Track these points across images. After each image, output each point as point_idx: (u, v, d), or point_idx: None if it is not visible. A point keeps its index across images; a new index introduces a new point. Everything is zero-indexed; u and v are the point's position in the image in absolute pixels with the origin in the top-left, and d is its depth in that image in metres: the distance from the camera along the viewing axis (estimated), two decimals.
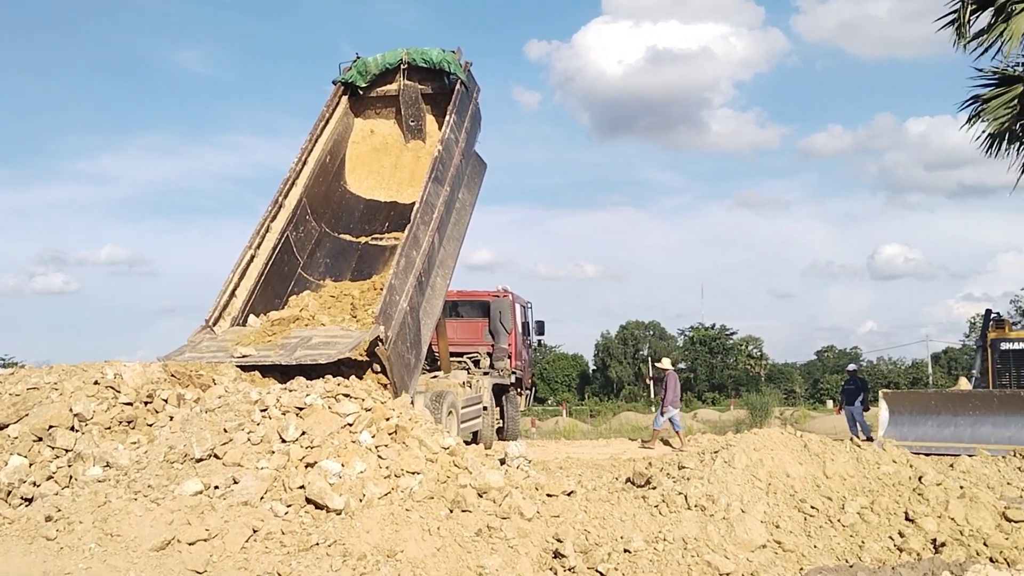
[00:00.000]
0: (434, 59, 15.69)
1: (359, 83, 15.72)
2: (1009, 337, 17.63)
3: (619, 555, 6.13)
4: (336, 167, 15.46)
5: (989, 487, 9.62)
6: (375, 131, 16.20)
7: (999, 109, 15.46)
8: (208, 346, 11.68)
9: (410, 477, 6.42)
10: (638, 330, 72.85)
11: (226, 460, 6.30)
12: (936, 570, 5.72)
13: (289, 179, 14.08)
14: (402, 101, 16.07)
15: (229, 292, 12.57)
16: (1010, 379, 17.15)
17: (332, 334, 11.74)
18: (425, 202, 13.35)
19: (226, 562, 5.33)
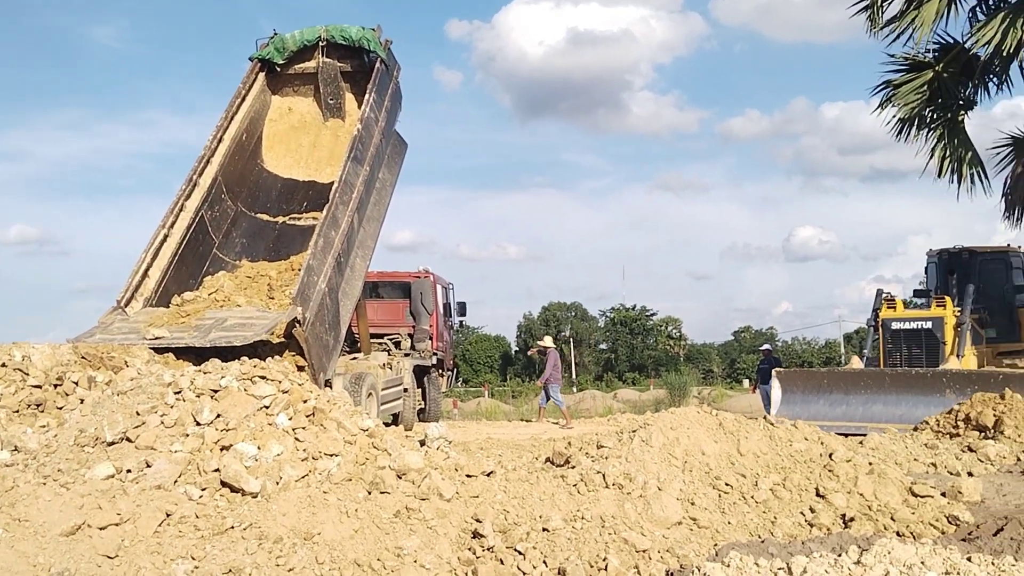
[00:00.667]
0: (353, 37, 15.52)
1: (276, 60, 15.48)
2: (899, 316, 17.71)
3: (538, 534, 6.18)
4: (253, 145, 15.24)
5: (897, 463, 9.91)
6: (293, 109, 16.00)
7: (910, 95, 15.85)
8: (120, 328, 11.46)
9: (328, 459, 6.38)
10: (560, 311, 73.25)
11: (139, 443, 6.19)
12: (844, 544, 5.85)
13: (204, 157, 13.84)
14: (320, 79, 15.87)
15: (141, 272, 12.32)
16: (900, 358, 17.20)
17: (248, 315, 11.61)
18: (344, 182, 13.27)
19: (138, 547, 5.25)
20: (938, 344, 16.68)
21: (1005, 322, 18.01)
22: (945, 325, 16.77)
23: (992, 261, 18.27)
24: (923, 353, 16.86)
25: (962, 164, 15.99)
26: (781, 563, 5.08)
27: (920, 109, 16.03)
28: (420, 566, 5.62)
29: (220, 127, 14.35)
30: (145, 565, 5.08)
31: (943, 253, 18.57)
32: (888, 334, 17.49)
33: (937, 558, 5.15)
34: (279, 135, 15.87)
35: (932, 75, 15.69)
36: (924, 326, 17.09)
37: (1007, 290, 18.09)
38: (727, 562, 5.13)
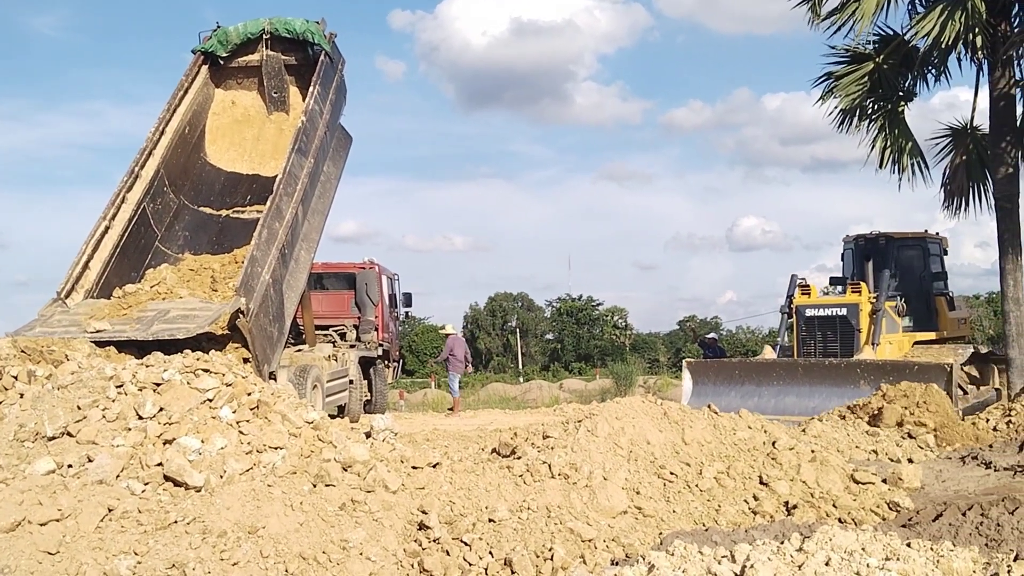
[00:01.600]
0: (297, 29, 15.41)
1: (220, 52, 15.31)
2: (814, 303, 17.09)
3: (484, 525, 6.19)
4: (196, 138, 15.06)
5: (839, 450, 10.05)
6: (236, 102, 15.84)
7: (851, 86, 16.12)
8: (60, 320, 11.28)
9: (272, 452, 6.34)
10: (506, 301, 73.40)
11: (80, 438, 6.10)
12: (787, 532, 5.94)
13: (146, 149, 13.66)
14: (264, 72, 15.75)
15: (82, 264, 12.12)
16: (815, 346, 16.68)
17: (191, 307, 11.48)
18: (288, 174, 13.21)
19: (80, 542, 5.18)
20: (853, 331, 16.27)
21: (923, 309, 17.40)
22: (860, 312, 16.35)
23: (910, 247, 17.58)
24: (838, 341, 16.40)
25: (902, 155, 16.31)
26: (725, 551, 5.14)
27: (861, 100, 16.30)
28: (366, 558, 5.61)
29: (162, 119, 14.15)
30: (87, 561, 5.01)
31: (860, 239, 17.74)
32: (802, 321, 16.94)
33: (877, 544, 5.24)
34: (222, 128, 15.68)
35: (872, 67, 15.97)
36: (839, 313, 16.60)
37: (924, 277, 17.46)
38: (671, 551, 5.18)
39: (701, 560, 5.01)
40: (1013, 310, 15.50)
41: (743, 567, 4.71)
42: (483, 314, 72.90)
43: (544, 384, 39.48)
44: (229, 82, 15.87)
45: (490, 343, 71.37)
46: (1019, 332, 15.51)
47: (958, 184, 16.71)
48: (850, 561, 4.87)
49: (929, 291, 17.25)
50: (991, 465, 9.57)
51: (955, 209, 16.84)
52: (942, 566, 4.95)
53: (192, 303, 11.73)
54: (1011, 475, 9.03)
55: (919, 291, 17.29)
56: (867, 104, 16.45)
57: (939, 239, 17.77)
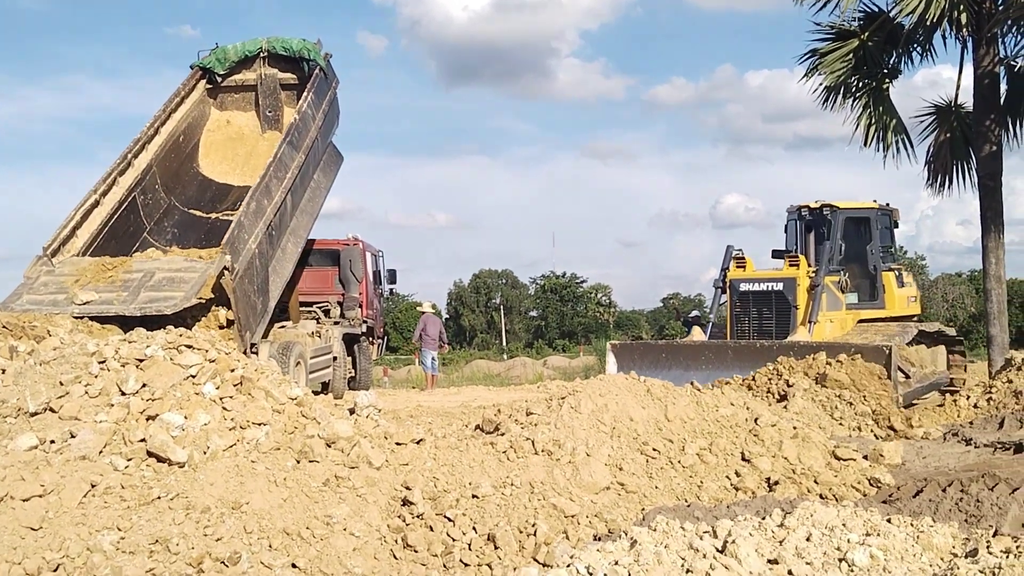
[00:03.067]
0: (294, 48, 16.04)
1: (217, 69, 15.87)
2: (749, 277, 15.72)
3: (467, 501, 6.21)
4: (190, 149, 15.56)
5: (821, 427, 10.12)
6: (231, 121, 16.33)
7: (835, 63, 16.15)
8: (47, 285, 11.40)
9: (256, 428, 6.33)
10: (491, 279, 73.45)
11: (62, 414, 6.08)
12: (768, 507, 5.98)
13: (140, 140, 14.04)
14: (260, 91, 16.29)
15: (70, 228, 12.45)
16: (749, 324, 15.40)
17: (176, 267, 11.71)
18: (278, 159, 13.65)
19: (63, 518, 5.17)
20: (790, 308, 14.95)
21: (868, 286, 16.04)
22: (798, 287, 14.99)
23: (856, 219, 16.08)
24: (774, 317, 15.12)
25: (887, 132, 16.37)
26: (706, 526, 5.17)
27: (846, 78, 16.34)
28: (350, 534, 5.63)
29: (158, 118, 14.53)
30: (70, 536, 5.01)
31: (803, 209, 16.27)
32: (736, 296, 15.63)
33: (858, 520, 5.29)
34: (216, 144, 16.13)
35: (858, 44, 16.00)
36: (775, 288, 15.25)
37: (871, 251, 15.95)
38: (654, 526, 5.21)
39: (683, 536, 5.04)
40: (995, 288, 15.62)
41: (725, 543, 4.74)
42: (467, 291, 72.95)
43: (528, 361, 39.57)
44: (225, 102, 16.38)
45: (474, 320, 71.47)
46: (1000, 310, 15.64)
47: (942, 162, 16.79)
48: (831, 537, 4.91)
49: (876, 266, 15.91)
50: (971, 442, 9.66)
51: (938, 187, 16.92)
52: (922, 541, 5.00)
53: (177, 262, 11.95)
54: (991, 452, 9.11)
55: (864, 266, 16.00)
56: (852, 81, 16.49)
57: (889, 211, 16.48)
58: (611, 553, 4.75)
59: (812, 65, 16.51)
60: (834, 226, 15.48)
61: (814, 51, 16.47)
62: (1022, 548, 4.48)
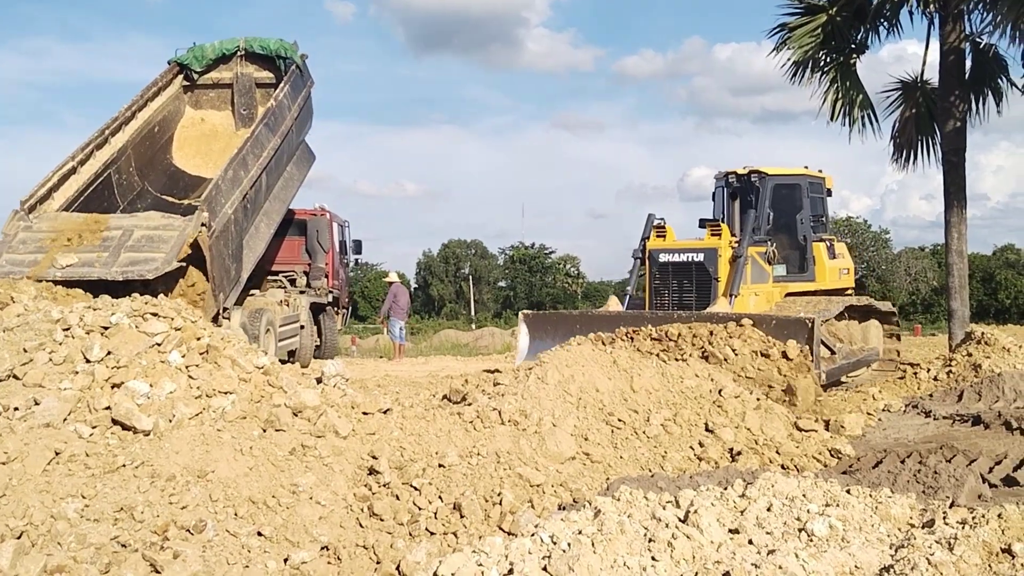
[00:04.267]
0: (271, 47, 16.46)
1: (195, 67, 16.27)
2: (668, 247, 14.82)
3: (434, 470, 6.24)
4: (164, 141, 15.87)
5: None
6: (205, 119, 16.66)
7: (804, 38, 16.23)
8: (25, 242, 11.61)
9: (222, 397, 6.32)
10: (460, 249, 73.34)
11: (26, 381, 6.04)
12: (730, 478, 6.06)
13: (117, 120, 14.35)
14: (236, 89, 16.66)
15: (48, 188, 12.63)
16: (669, 295, 14.55)
17: (155, 224, 11.89)
18: (255, 137, 14.10)
19: (26, 485, 5.14)
20: (710, 280, 14.13)
21: (797, 257, 15.09)
22: (719, 258, 14.14)
23: (785, 186, 15.05)
24: (694, 290, 14.29)
25: (853, 107, 16.50)
26: (669, 496, 5.24)
27: (814, 52, 16.44)
28: (316, 503, 5.64)
29: (135, 102, 14.89)
30: (34, 504, 4.99)
31: (730, 176, 15.47)
32: (655, 268, 14.73)
33: (818, 490, 5.38)
34: (190, 139, 16.42)
35: (826, 19, 16.07)
36: (695, 259, 14.38)
37: (801, 220, 14.98)
38: (618, 496, 5.27)
39: (646, 505, 5.10)
40: (956, 262, 15.81)
41: (687, 512, 4.81)
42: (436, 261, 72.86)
43: (496, 331, 39.57)
44: (200, 100, 16.73)
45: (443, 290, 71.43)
46: (961, 284, 15.84)
47: (907, 137, 16.94)
48: (791, 507, 4.99)
49: (806, 236, 14.97)
50: (931, 414, 9.82)
51: (903, 162, 17.07)
52: (880, 512, 5.09)
53: (155, 218, 12.12)
54: (949, 424, 9.28)
55: (793, 236, 15.05)
56: (820, 56, 16.56)
57: (821, 178, 15.54)
58: (575, 523, 4.80)
59: (781, 39, 16.57)
60: (762, 194, 14.68)
61: (783, 26, 16.53)
62: (978, 519, 4.57)
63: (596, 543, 4.40)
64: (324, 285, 19.60)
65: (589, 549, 4.33)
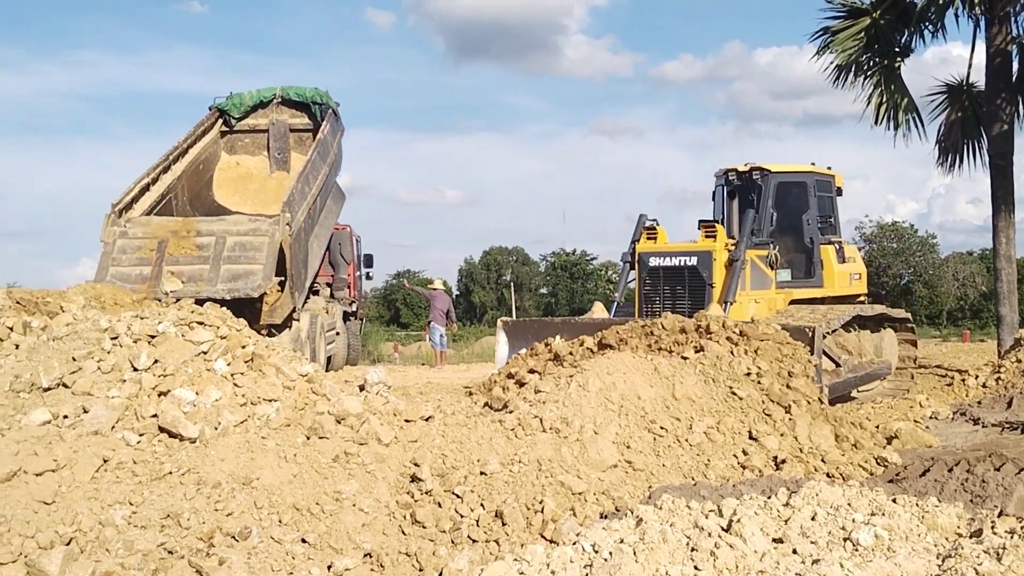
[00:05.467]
0: (307, 94, 17.27)
1: (233, 113, 17.04)
2: (659, 250, 13.55)
3: (475, 477, 6.25)
4: (207, 180, 16.66)
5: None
6: (241, 164, 17.35)
7: (847, 41, 16.07)
8: (125, 251, 12.64)
9: (267, 405, 6.38)
10: (501, 255, 73.38)
11: (75, 389, 6.13)
12: (774, 486, 6.02)
13: (177, 148, 15.40)
14: (271, 134, 17.38)
15: (131, 196, 13.55)
16: (661, 302, 13.24)
17: (243, 230, 12.90)
18: (312, 161, 14.95)
19: (75, 492, 5.23)
20: (705, 286, 12.86)
21: (802, 261, 13.88)
22: (714, 262, 12.85)
23: (790, 184, 13.91)
24: (687, 297, 13.00)
25: (898, 111, 16.29)
26: (712, 505, 5.21)
27: (857, 56, 16.26)
28: (359, 510, 5.68)
29: (188, 136, 15.86)
30: (82, 511, 5.07)
31: (730, 173, 14.27)
32: (645, 272, 13.49)
33: (864, 499, 5.33)
34: (228, 180, 17.16)
35: (870, 22, 15.91)
36: (688, 263, 13.09)
37: (808, 221, 13.79)
38: (660, 504, 5.26)
39: (689, 514, 5.08)
40: (1005, 267, 15.57)
41: (730, 521, 4.78)
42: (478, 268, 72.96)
43: None
44: (236, 146, 17.46)
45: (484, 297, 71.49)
46: (1010, 289, 15.59)
47: (952, 141, 16.69)
48: (836, 516, 4.95)
49: (812, 238, 13.76)
50: (979, 421, 9.70)
51: (949, 166, 16.82)
52: (927, 521, 5.04)
53: (242, 222, 13.16)
54: (999, 431, 9.15)
55: (799, 238, 13.85)
56: (863, 60, 16.40)
57: (829, 176, 14.47)
58: (617, 531, 4.80)
59: (823, 43, 16.42)
60: (765, 192, 13.53)
61: (826, 29, 16.38)
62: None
63: (638, 552, 4.39)
64: (347, 295, 20.45)
65: (631, 558, 4.32)
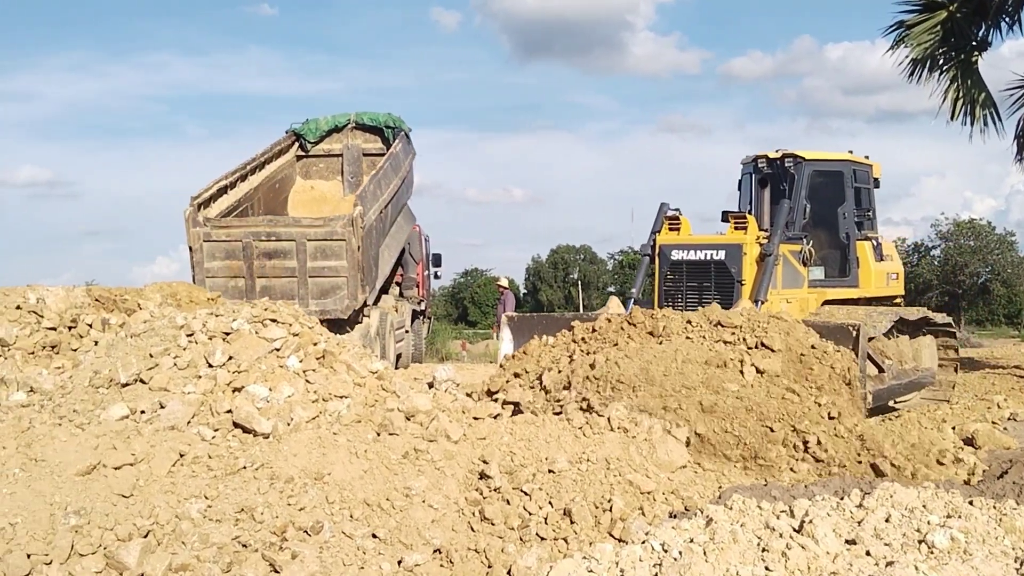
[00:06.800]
0: (380, 119, 17.85)
1: (309, 137, 17.65)
2: (682, 243, 12.36)
3: (544, 475, 6.26)
4: (282, 199, 17.30)
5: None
6: (315, 187, 17.96)
7: (923, 35, 15.73)
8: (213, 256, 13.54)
9: (338, 401, 6.46)
10: (568, 254, 73.32)
11: (152, 385, 6.27)
12: (847, 487, 5.93)
13: (255, 160, 15.99)
14: (345, 158, 17.95)
15: (210, 195, 14.19)
16: (683, 298, 12.11)
17: (321, 235, 13.53)
18: (384, 170, 15.38)
19: (152, 486, 5.34)
20: (733, 283, 11.73)
21: (837, 258, 12.83)
22: (744, 256, 11.72)
23: (825, 174, 12.74)
24: (714, 294, 11.79)
25: (975, 106, 15.92)
26: (783, 506, 5.16)
27: (933, 50, 15.92)
28: (428, 506, 5.72)
29: (265, 152, 16.47)
30: (159, 504, 5.18)
31: (759, 160, 13.09)
32: (666, 266, 12.32)
33: (939, 502, 5.23)
34: (302, 202, 17.83)
35: (946, 15, 15.56)
36: (715, 257, 11.98)
37: (844, 214, 12.66)
38: (730, 504, 5.21)
39: (760, 514, 5.04)
40: None
41: (802, 522, 4.73)
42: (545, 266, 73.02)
43: None
44: (310, 170, 18.12)
45: (552, 295, 71.48)
46: None
47: None
48: (911, 518, 4.87)
49: (848, 233, 12.69)
50: None
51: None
52: (1004, 524, 4.93)
53: (316, 223, 13.80)
54: None
55: (834, 233, 12.76)
56: (939, 54, 16.06)
57: (867, 165, 13.16)
58: (686, 530, 4.77)
59: (898, 37, 16.10)
60: (798, 181, 12.33)
61: (900, 23, 16.07)
62: None
63: (708, 551, 4.36)
64: (415, 294, 20.57)
65: (701, 557, 4.30)
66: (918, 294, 41.50)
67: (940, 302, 41.48)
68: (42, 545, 4.71)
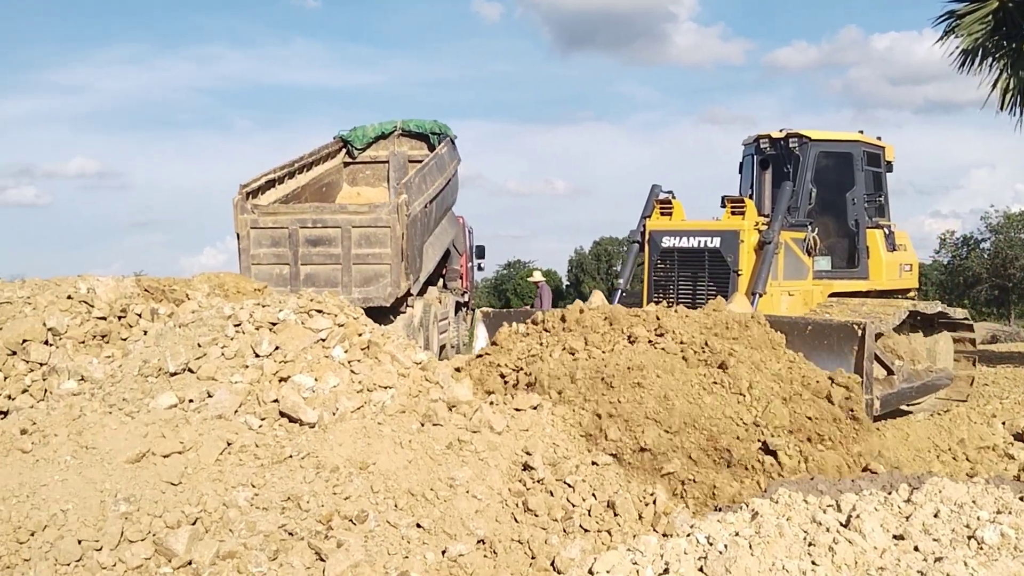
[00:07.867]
0: (426, 126, 17.89)
1: (356, 144, 17.77)
2: (674, 229, 11.31)
3: (587, 468, 6.27)
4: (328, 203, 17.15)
5: None
6: (361, 194, 17.91)
7: (973, 25, 15.50)
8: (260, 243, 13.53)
9: (382, 391, 6.49)
10: (611, 246, 72.97)
11: (200, 374, 6.34)
12: (895, 482, 5.87)
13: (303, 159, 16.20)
14: (392, 165, 17.98)
15: (258, 186, 14.22)
16: (674, 288, 11.15)
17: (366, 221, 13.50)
18: (429, 167, 15.31)
19: (200, 474, 5.41)
20: (729, 273, 10.67)
21: (845, 247, 11.75)
22: (741, 244, 10.63)
23: (834, 155, 11.67)
24: (708, 285, 10.85)
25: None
26: (830, 500, 5.12)
27: (984, 40, 15.68)
28: (472, 496, 5.74)
29: (313, 153, 16.66)
30: (207, 492, 5.24)
31: (762, 140, 12.01)
32: (657, 255, 11.32)
33: (989, 497, 5.15)
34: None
35: (998, 5, 15.32)
36: (709, 244, 10.88)
37: (853, 200, 11.58)
38: (776, 498, 5.18)
39: (806, 509, 5.00)
40: None
41: (849, 517, 4.69)
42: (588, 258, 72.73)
43: None
44: (357, 177, 18.21)
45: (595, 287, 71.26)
46: None
47: None
48: (959, 514, 4.80)
49: (857, 220, 11.63)
50: None
51: None
52: None
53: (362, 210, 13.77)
54: None
55: (842, 220, 11.73)
56: (990, 44, 15.82)
57: (879, 147, 12.11)
58: (732, 524, 4.75)
59: (949, 27, 15.89)
60: (803, 163, 11.34)
61: (951, 12, 15.85)
62: None
63: (754, 545, 4.34)
64: (459, 286, 20.59)
65: (747, 551, 4.28)
66: (967, 288, 40.92)
67: (989, 296, 40.89)
68: (93, 531, 4.79)
